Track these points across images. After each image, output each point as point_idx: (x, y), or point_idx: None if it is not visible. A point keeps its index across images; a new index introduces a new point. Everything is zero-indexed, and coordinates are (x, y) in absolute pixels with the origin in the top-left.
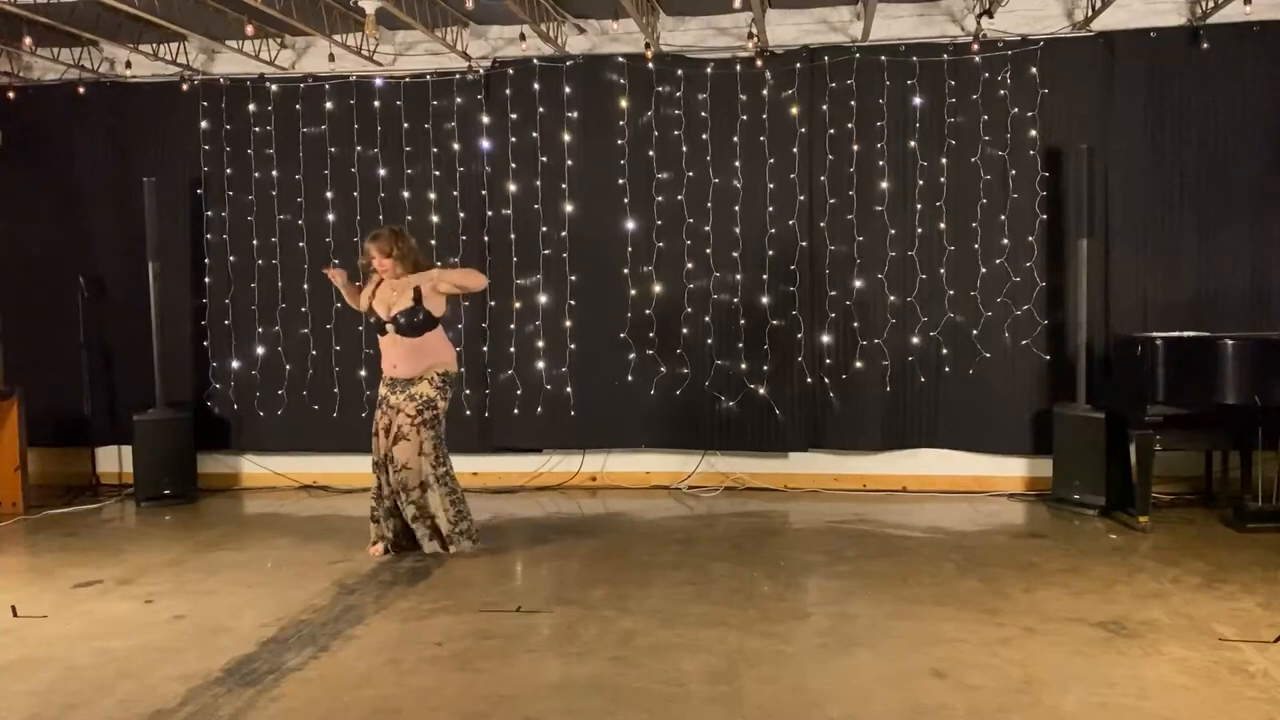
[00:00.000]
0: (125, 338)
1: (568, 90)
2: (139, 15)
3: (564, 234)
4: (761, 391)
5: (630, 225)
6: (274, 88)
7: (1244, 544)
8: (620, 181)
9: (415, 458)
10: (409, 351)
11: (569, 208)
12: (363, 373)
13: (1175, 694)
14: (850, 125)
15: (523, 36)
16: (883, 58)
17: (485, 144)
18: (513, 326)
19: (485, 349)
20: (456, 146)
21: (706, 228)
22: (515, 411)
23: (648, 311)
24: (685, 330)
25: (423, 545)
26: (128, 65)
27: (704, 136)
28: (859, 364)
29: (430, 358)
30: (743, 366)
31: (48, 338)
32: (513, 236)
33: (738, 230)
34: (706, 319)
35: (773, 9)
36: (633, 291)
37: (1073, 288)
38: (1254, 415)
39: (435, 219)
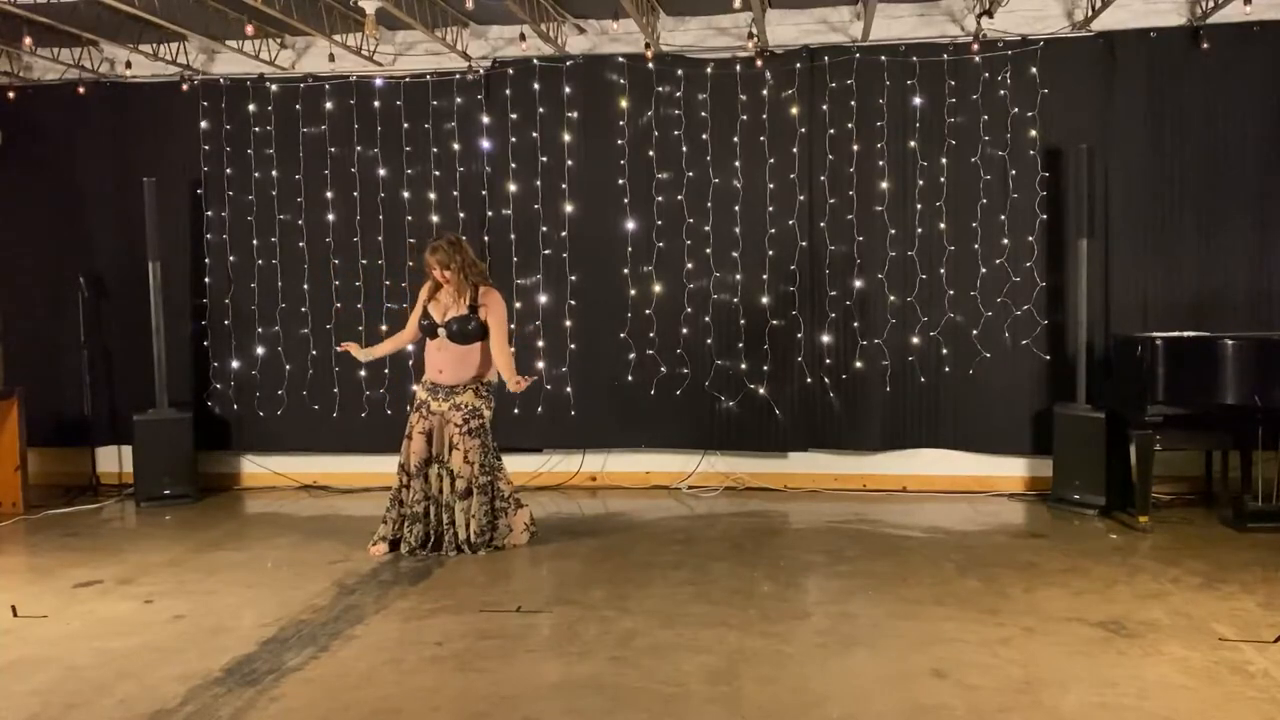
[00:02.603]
0: (125, 338)
1: (568, 90)
2: (139, 15)
3: (564, 234)
4: (761, 391)
5: (630, 225)
6: (274, 88)
7: (1244, 544)
8: (620, 181)
9: (462, 465)
10: (456, 359)
11: (569, 208)
12: (362, 373)
13: (1175, 694)
14: (850, 125)
15: (523, 36)
16: (883, 58)
17: (485, 144)
18: (513, 326)
19: None
20: (456, 146)
21: (706, 228)
22: (515, 411)
23: (648, 311)
24: (685, 330)
25: (447, 549)
26: (128, 65)
27: (704, 136)
28: (859, 364)
29: (475, 367)
30: (743, 366)
31: (48, 338)
32: (513, 236)
33: (738, 230)
34: (706, 319)
35: (773, 9)
36: (633, 291)
37: (1073, 288)
38: (1254, 415)
39: (435, 219)
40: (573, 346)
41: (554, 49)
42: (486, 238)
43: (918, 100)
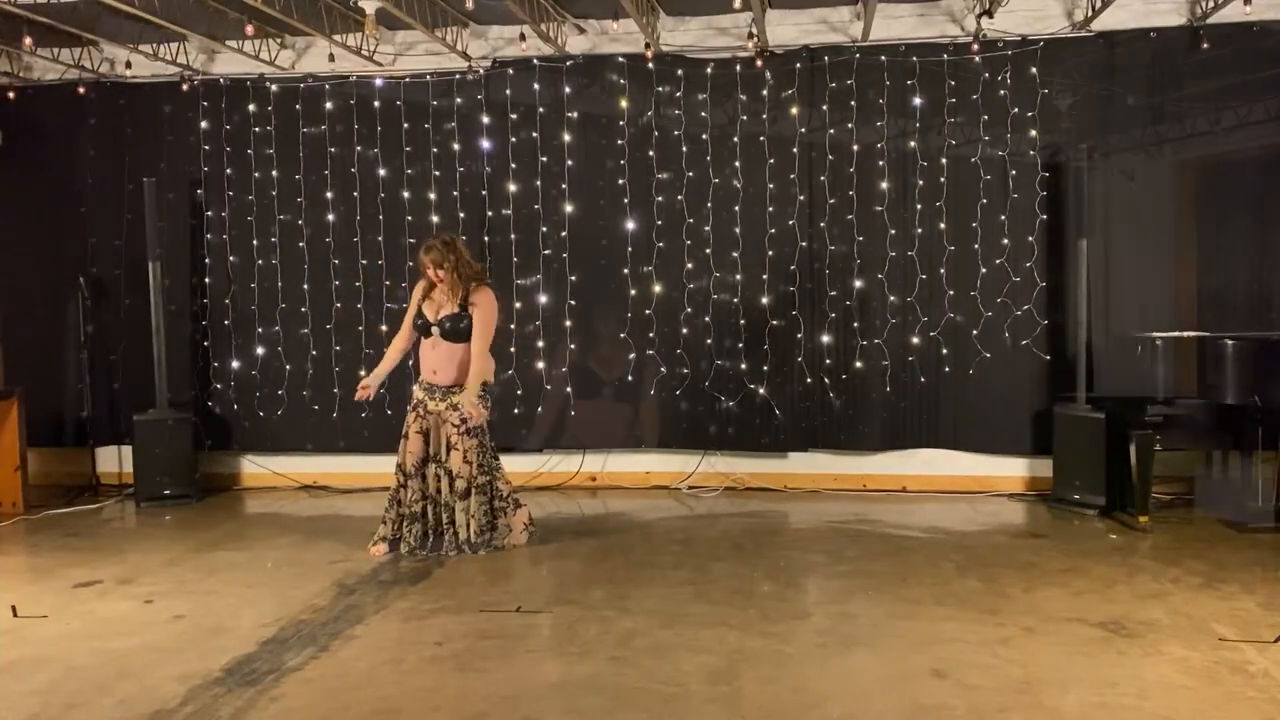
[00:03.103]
0: (125, 338)
1: (568, 90)
2: (139, 15)
3: (564, 234)
4: (761, 391)
5: (630, 225)
6: (274, 88)
7: (1244, 544)
8: (620, 181)
9: (461, 465)
10: (450, 357)
11: (569, 208)
12: (362, 372)
13: (1175, 694)
14: (850, 125)
15: (523, 36)
16: (883, 58)
17: (485, 144)
18: (513, 326)
19: None
20: (456, 146)
21: (706, 228)
22: (515, 411)
23: (648, 311)
24: (685, 330)
25: (447, 549)
26: (128, 65)
27: (704, 136)
28: (859, 364)
29: (469, 367)
30: (743, 366)
31: (48, 338)
32: (513, 236)
33: (738, 230)
34: (706, 319)
35: (773, 9)
36: (633, 291)
37: (1073, 288)
38: (1253, 415)
39: (435, 219)
40: (573, 346)
41: (554, 49)
42: (486, 238)
43: (918, 100)
